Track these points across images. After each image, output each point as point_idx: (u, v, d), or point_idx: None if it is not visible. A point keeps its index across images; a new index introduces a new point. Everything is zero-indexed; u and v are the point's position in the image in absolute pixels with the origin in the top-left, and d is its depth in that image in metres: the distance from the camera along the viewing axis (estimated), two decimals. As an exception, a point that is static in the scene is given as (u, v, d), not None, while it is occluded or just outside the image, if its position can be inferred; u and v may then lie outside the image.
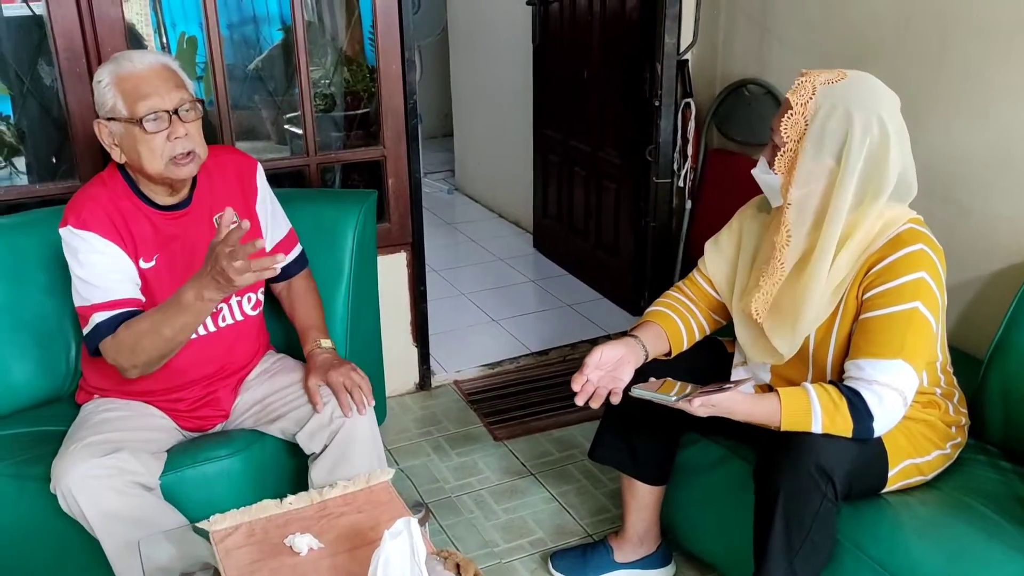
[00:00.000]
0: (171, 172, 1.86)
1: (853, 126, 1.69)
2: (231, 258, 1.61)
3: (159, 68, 1.85)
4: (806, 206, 1.76)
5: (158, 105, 1.81)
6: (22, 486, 1.89)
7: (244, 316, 2.07)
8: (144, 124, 1.80)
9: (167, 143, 1.83)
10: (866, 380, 1.69)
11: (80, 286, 1.86)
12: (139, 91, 1.81)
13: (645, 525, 2.21)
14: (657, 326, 2.02)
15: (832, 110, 1.70)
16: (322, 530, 1.63)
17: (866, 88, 1.74)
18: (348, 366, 2.01)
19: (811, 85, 1.73)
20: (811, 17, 2.80)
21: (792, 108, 1.74)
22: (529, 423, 3.01)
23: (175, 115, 1.83)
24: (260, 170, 2.13)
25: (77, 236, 1.85)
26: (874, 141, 1.70)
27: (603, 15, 3.74)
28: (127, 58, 1.84)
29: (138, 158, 1.84)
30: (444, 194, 5.86)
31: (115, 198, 1.90)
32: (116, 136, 1.85)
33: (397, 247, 3.01)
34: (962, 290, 2.32)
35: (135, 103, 1.81)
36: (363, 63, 4.02)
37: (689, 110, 3.29)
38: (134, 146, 1.83)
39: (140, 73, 1.82)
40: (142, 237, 1.91)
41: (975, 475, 1.89)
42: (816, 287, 1.76)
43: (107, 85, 1.82)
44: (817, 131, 1.71)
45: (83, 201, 1.88)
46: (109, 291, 1.85)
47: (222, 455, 1.98)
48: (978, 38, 2.25)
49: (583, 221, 4.20)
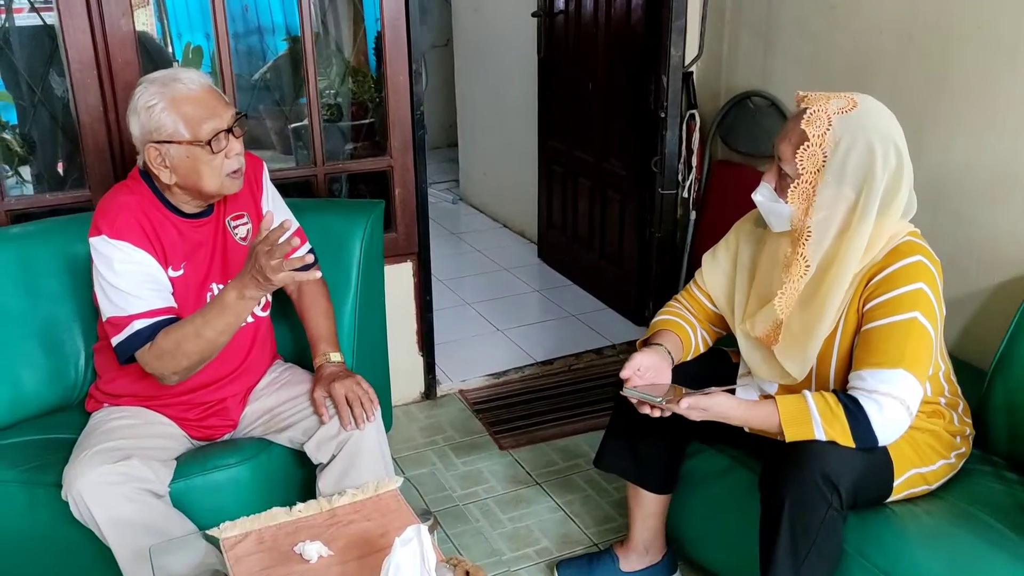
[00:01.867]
0: (226, 188, 1.91)
1: (875, 158, 1.70)
2: (269, 256, 1.68)
3: (210, 88, 1.88)
4: (824, 236, 1.77)
5: (219, 125, 1.85)
6: (33, 493, 1.91)
7: (255, 317, 2.08)
8: (211, 145, 1.83)
9: (225, 161, 1.87)
10: (867, 390, 1.71)
11: (115, 295, 1.86)
12: (199, 113, 1.83)
13: (651, 534, 2.22)
14: (674, 335, 2.03)
15: (853, 142, 1.71)
16: (331, 538, 1.64)
17: (880, 116, 1.75)
18: (353, 378, 2.02)
19: (825, 116, 1.72)
20: (815, 30, 2.81)
21: (808, 140, 1.73)
22: (534, 432, 3.02)
23: (230, 133, 1.87)
24: (265, 169, 2.16)
25: (112, 245, 1.85)
26: (891, 169, 1.72)
27: (608, 27, 3.76)
28: (177, 80, 1.85)
29: (198, 178, 1.87)
30: (449, 204, 5.87)
31: (144, 206, 1.91)
32: (171, 158, 1.85)
33: (403, 257, 3.02)
34: (966, 302, 2.33)
35: (199, 125, 1.83)
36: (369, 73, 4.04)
37: (694, 122, 3.30)
38: (195, 167, 1.85)
39: (197, 95, 1.84)
40: (171, 245, 1.93)
41: (980, 485, 1.89)
42: (829, 314, 1.78)
43: (163, 109, 1.82)
44: (838, 164, 1.72)
45: (116, 210, 1.88)
46: (147, 300, 1.86)
47: (231, 463, 1.99)
48: (981, 51, 2.26)
49: (588, 232, 4.21)
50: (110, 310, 1.87)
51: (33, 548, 1.96)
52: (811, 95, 1.77)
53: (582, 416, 3.11)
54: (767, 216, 1.86)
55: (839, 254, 1.76)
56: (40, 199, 2.60)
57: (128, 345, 1.86)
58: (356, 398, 1.98)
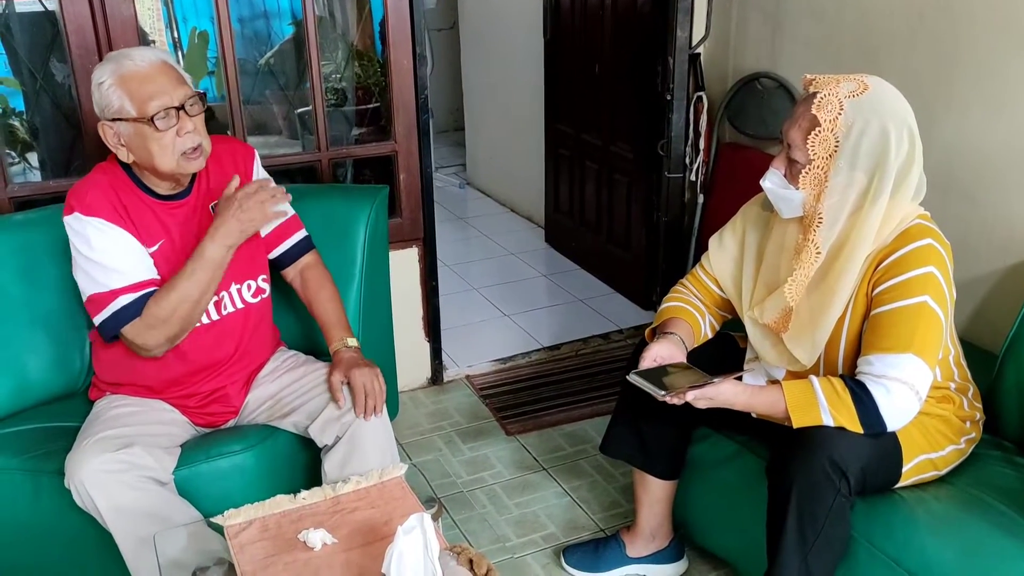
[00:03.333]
0: (182, 168, 1.87)
1: (889, 142, 1.68)
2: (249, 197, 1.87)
3: (160, 65, 1.84)
4: (835, 221, 1.75)
5: (167, 103, 1.81)
6: (38, 481, 1.91)
7: (245, 304, 2.06)
8: (155, 122, 1.80)
9: (177, 139, 1.83)
10: (875, 375, 1.69)
11: (95, 271, 1.85)
12: (146, 89, 1.80)
13: (657, 520, 2.21)
14: (685, 323, 2.01)
15: (866, 126, 1.68)
16: (336, 525, 1.63)
17: (892, 99, 1.72)
18: (373, 370, 2.00)
19: (836, 100, 1.69)
20: (824, 10, 2.78)
21: (820, 125, 1.70)
22: (541, 418, 3.01)
23: (182, 111, 1.83)
24: (257, 157, 2.14)
25: (85, 222, 1.84)
26: (904, 153, 1.70)
27: (614, 9, 3.73)
28: (126, 57, 1.83)
29: (149, 156, 1.84)
30: (456, 188, 5.86)
31: (116, 186, 1.90)
32: (123, 136, 1.84)
33: (409, 242, 3.01)
34: (977, 285, 2.31)
35: (144, 102, 1.80)
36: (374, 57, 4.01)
37: (701, 104, 3.28)
38: (144, 145, 1.83)
39: (144, 71, 1.81)
40: (144, 224, 1.91)
41: (990, 470, 1.88)
42: (839, 299, 1.76)
43: (110, 86, 1.80)
44: (851, 148, 1.69)
45: (86, 188, 1.88)
46: (129, 274, 1.86)
47: (235, 450, 1.99)
48: (992, 32, 2.23)
49: (595, 215, 4.19)
50: (91, 287, 1.87)
51: (38, 535, 1.97)
52: (820, 78, 1.74)
53: (589, 401, 3.10)
54: (777, 203, 1.83)
55: (850, 238, 1.74)
56: (44, 186, 2.59)
57: (114, 322, 1.86)
58: (372, 392, 1.97)
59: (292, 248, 2.14)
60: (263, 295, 2.10)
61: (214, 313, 2.01)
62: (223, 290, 2.00)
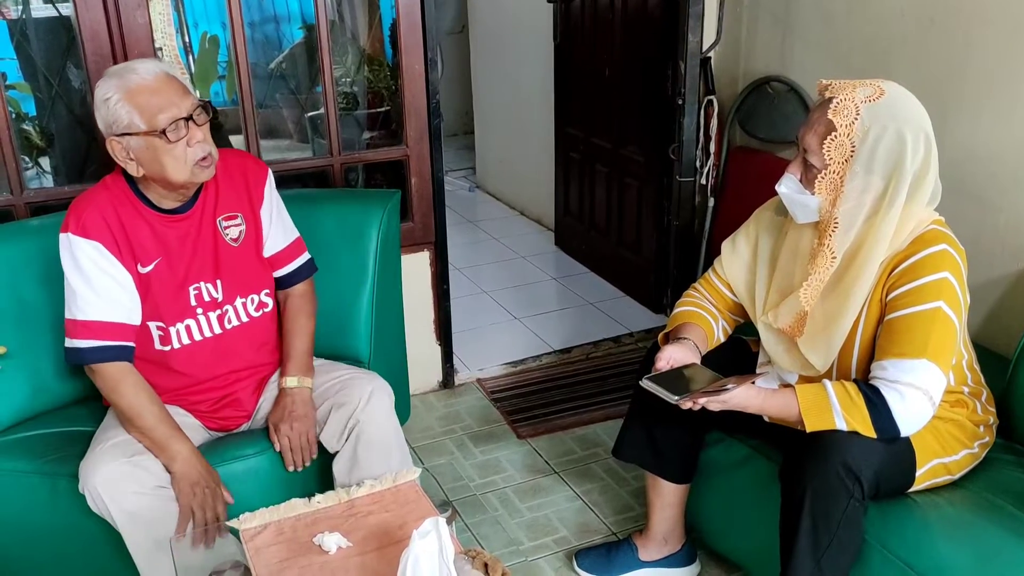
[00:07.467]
0: (195, 176, 1.88)
1: (905, 146, 1.68)
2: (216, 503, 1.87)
3: (165, 77, 1.84)
4: (851, 226, 1.75)
5: (176, 114, 1.81)
6: (55, 484, 1.92)
7: (249, 318, 2.07)
8: (167, 134, 1.80)
9: (188, 149, 1.84)
10: (889, 380, 1.69)
11: (77, 294, 1.87)
12: (155, 102, 1.80)
13: (670, 524, 2.21)
14: (698, 327, 2.02)
15: (883, 131, 1.68)
16: (350, 529, 1.64)
17: (908, 103, 1.72)
18: (303, 424, 2.01)
19: (852, 104, 1.69)
20: (834, 14, 2.78)
21: (836, 130, 1.70)
22: (552, 421, 3.01)
23: (190, 121, 1.83)
24: (270, 178, 2.12)
25: (75, 245, 1.85)
26: (920, 158, 1.69)
27: (625, 13, 3.73)
28: (131, 71, 1.82)
29: (161, 169, 1.84)
30: (466, 192, 5.86)
31: (116, 203, 1.90)
32: (133, 151, 1.83)
33: (420, 246, 3.02)
34: (991, 288, 2.30)
35: (153, 115, 1.79)
36: (384, 62, 4.03)
37: (712, 108, 3.28)
38: (156, 157, 1.82)
39: (151, 84, 1.81)
40: (139, 242, 1.91)
41: (1004, 475, 1.87)
42: (853, 303, 1.76)
43: (118, 101, 1.79)
44: (867, 153, 1.69)
45: (84, 206, 1.88)
46: (105, 311, 1.87)
47: (249, 453, 2.01)
48: (1004, 34, 2.23)
49: (605, 219, 4.19)
50: (72, 311, 1.88)
51: (56, 537, 1.98)
52: (835, 83, 1.74)
53: (600, 405, 3.11)
54: (792, 208, 1.83)
55: (865, 243, 1.74)
56: (59, 192, 2.61)
57: (75, 356, 1.90)
58: (298, 448, 2.00)
59: (287, 276, 2.15)
60: (266, 309, 2.10)
61: (217, 327, 2.01)
62: (227, 303, 2.02)
